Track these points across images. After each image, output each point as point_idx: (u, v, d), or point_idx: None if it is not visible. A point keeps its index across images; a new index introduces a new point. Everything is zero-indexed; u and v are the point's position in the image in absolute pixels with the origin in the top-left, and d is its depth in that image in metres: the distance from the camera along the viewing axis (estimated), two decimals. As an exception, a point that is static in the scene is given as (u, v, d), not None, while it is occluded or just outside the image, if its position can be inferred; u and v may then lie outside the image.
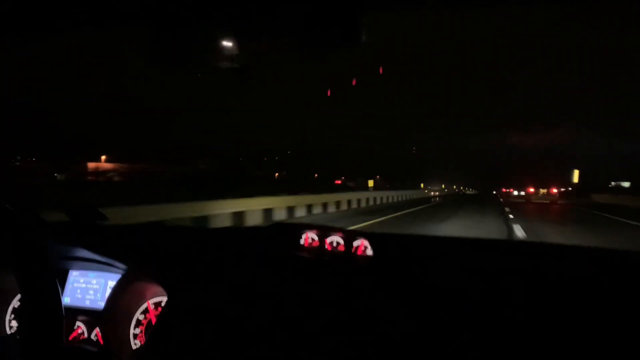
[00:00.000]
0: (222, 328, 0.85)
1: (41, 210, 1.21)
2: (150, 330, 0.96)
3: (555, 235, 8.82)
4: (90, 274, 1.14)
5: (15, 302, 1.17)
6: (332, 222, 9.98)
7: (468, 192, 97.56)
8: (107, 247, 1.10)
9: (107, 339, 1.04)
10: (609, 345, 0.69)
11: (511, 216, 13.20)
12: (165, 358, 0.86)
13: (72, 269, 1.16)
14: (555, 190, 23.28)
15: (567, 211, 18.09)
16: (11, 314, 1.17)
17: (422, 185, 41.10)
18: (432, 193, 45.30)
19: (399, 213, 14.46)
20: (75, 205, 1.29)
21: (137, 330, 1.07)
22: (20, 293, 0.87)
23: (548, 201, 22.31)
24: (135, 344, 1.06)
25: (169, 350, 0.86)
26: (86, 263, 1.13)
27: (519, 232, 8.74)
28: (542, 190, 23.55)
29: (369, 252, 1.11)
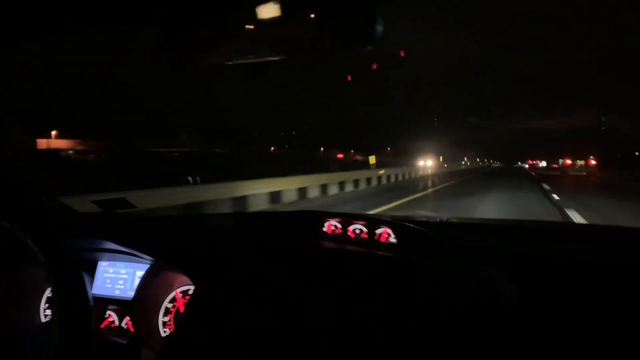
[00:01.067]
0: (250, 316, 0.87)
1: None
2: (179, 319, 0.99)
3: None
4: (119, 264, 1.16)
5: (49, 292, 1.19)
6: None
7: (494, 165, 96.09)
8: (134, 240, 1.12)
9: (137, 327, 1.08)
10: None
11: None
12: (193, 346, 0.88)
13: (102, 260, 1.18)
14: (594, 162, 22.03)
15: None
16: (45, 302, 1.20)
17: (371, 159, 17.84)
18: (427, 172, 25.63)
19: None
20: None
21: (166, 319, 1.09)
22: (50, 284, 0.89)
23: (585, 173, 20.88)
24: (165, 331, 1.09)
25: (197, 338, 0.88)
26: (115, 254, 1.15)
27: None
28: (580, 162, 22.57)
29: (392, 239, 1.11)
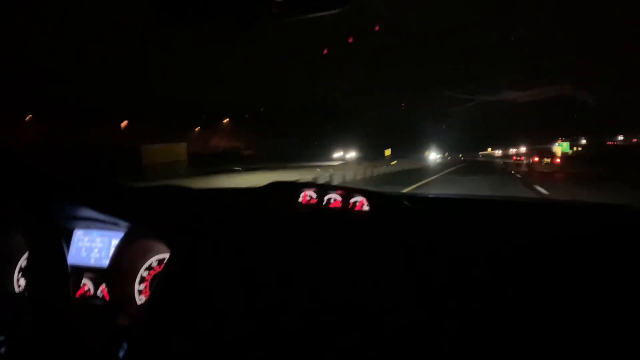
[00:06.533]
0: (224, 283, 0.87)
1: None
2: (154, 286, 0.99)
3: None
4: (94, 232, 1.16)
5: (23, 261, 1.19)
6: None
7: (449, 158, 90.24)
8: (109, 206, 1.12)
9: (113, 295, 1.08)
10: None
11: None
12: (168, 312, 0.88)
13: (77, 228, 1.18)
14: (559, 160, 23.74)
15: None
16: (19, 272, 1.20)
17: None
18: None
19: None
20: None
21: (142, 287, 1.10)
22: (28, 252, 0.89)
23: (548, 170, 22.12)
24: (140, 299, 1.09)
25: (172, 304, 0.89)
26: (90, 222, 1.15)
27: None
28: (546, 160, 23.98)
29: (366, 207, 1.12)
